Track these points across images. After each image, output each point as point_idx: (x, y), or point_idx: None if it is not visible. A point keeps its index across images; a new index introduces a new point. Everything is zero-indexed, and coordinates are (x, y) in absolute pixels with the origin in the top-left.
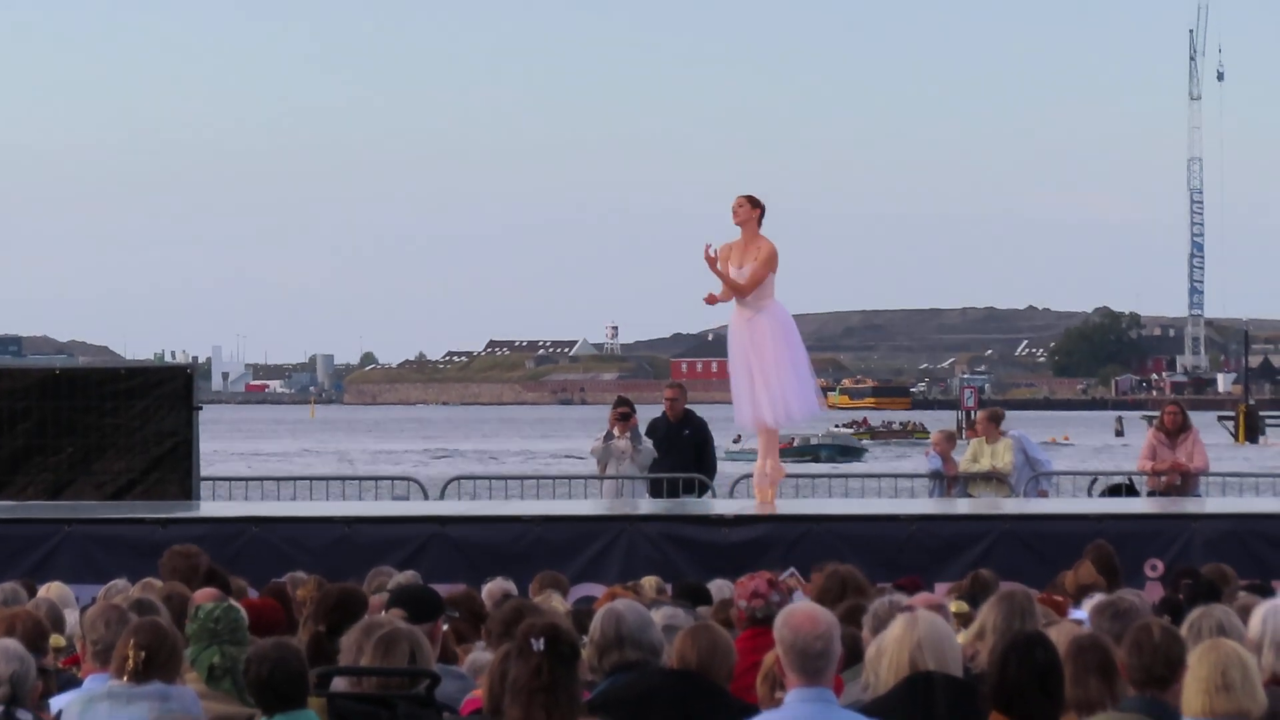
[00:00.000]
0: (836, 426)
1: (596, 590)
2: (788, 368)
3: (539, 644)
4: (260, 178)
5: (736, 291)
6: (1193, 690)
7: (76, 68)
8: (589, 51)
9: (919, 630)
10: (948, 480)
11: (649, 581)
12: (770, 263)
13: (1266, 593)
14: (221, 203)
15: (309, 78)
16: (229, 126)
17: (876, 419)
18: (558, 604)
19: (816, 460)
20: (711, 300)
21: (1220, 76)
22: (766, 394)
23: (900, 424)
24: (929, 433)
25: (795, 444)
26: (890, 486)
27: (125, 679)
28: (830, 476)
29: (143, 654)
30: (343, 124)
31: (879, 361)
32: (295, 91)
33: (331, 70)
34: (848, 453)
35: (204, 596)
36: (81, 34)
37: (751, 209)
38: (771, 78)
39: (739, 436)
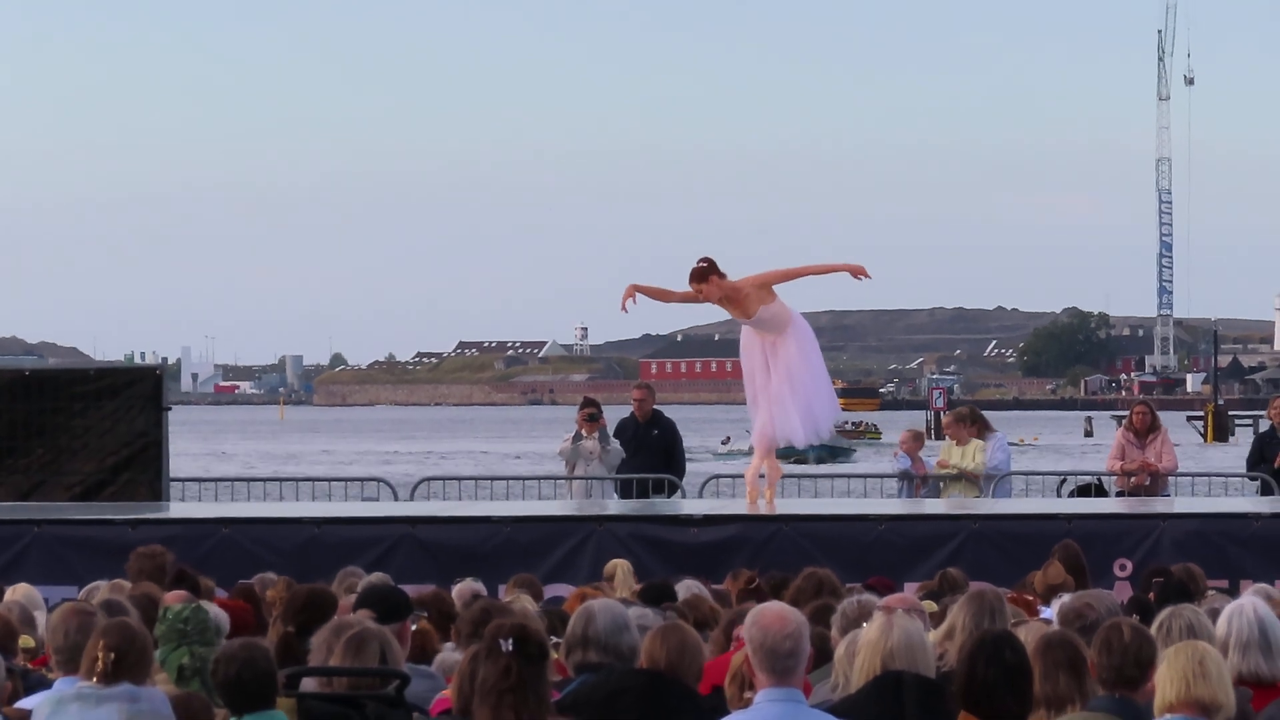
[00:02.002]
0: None
1: (566, 591)
2: (814, 385)
3: (508, 644)
4: (230, 178)
5: (807, 274)
6: (1164, 684)
7: (49, 71)
8: (559, 57)
9: (894, 636)
10: (917, 480)
11: (619, 565)
12: (765, 287)
13: (1235, 595)
14: (192, 204)
15: (284, 78)
16: (200, 128)
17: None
18: (528, 604)
19: (804, 462)
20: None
21: (1189, 81)
22: (799, 408)
23: (853, 424)
24: (880, 434)
25: (782, 445)
26: (860, 487)
27: (95, 680)
28: (799, 477)
29: (112, 655)
30: (312, 125)
31: (848, 362)
32: (266, 92)
33: (305, 71)
34: (837, 453)
35: (174, 598)
36: (65, 39)
37: (719, 279)
38: (742, 81)
39: (728, 437)
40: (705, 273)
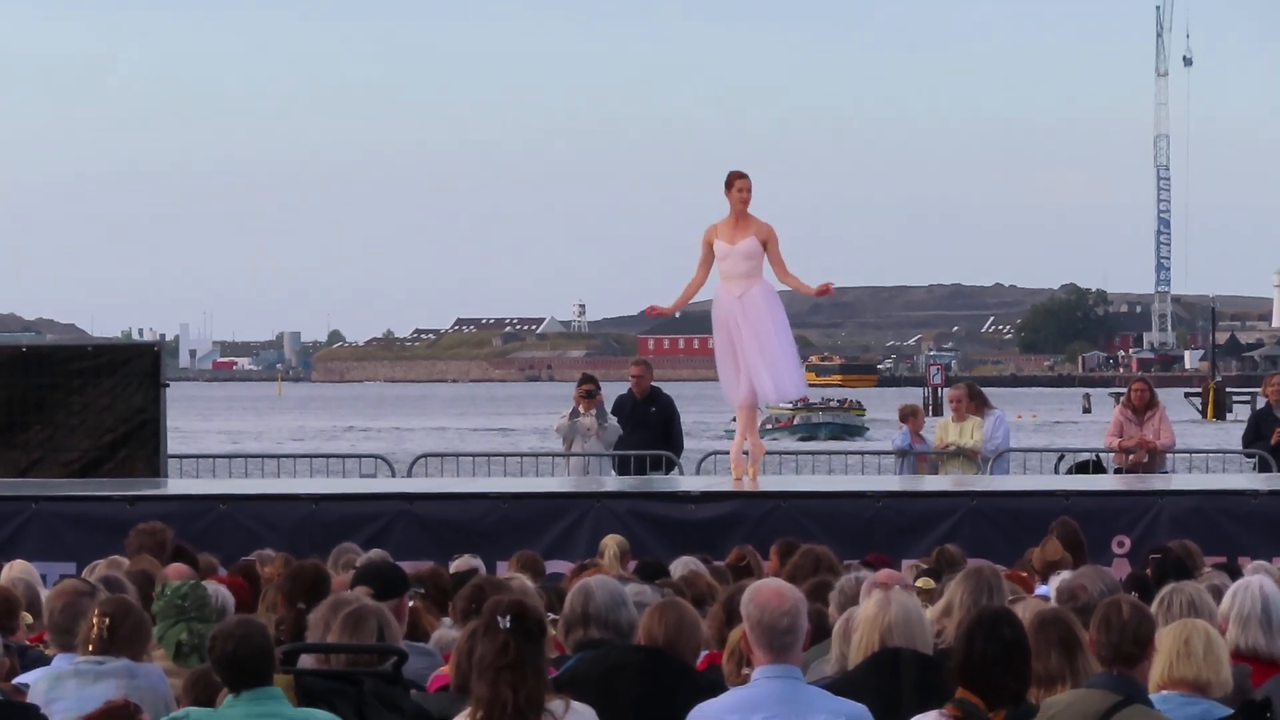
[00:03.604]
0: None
1: (564, 567)
2: (785, 342)
3: (505, 621)
4: (228, 157)
5: (789, 283)
6: (1158, 663)
7: (47, 47)
8: (559, 35)
9: (891, 612)
10: (916, 457)
11: (611, 540)
12: (770, 238)
13: (1234, 572)
14: (191, 181)
15: (283, 56)
16: (199, 105)
17: (815, 395)
18: (526, 582)
19: (816, 439)
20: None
21: (1188, 62)
22: (767, 369)
23: (837, 401)
24: (865, 410)
25: (796, 422)
26: (857, 463)
27: (90, 649)
28: (796, 454)
29: (107, 622)
30: (312, 102)
31: (846, 339)
32: (265, 69)
33: (304, 48)
34: (849, 430)
35: (175, 573)
36: (63, 15)
37: (749, 194)
38: (740, 59)
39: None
40: (745, 177)
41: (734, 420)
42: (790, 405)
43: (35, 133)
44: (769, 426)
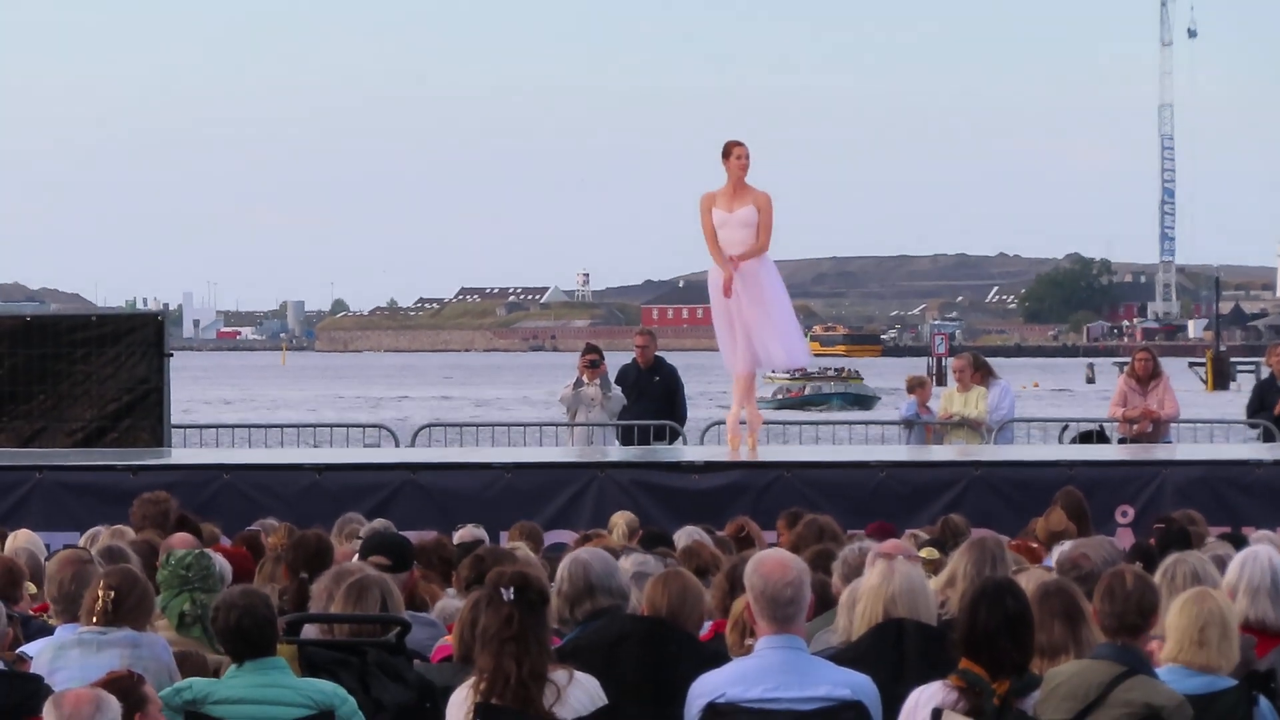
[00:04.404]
0: (773, 372)
1: (567, 538)
2: (787, 309)
3: (509, 593)
4: (231, 125)
5: (758, 253)
6: (1171, 638)
7: (46, 12)
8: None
9: (895, 582)
10: (922, 427)
11: (620, 517)
12: (765, 206)
13: (1239, 541)
14: (193, 150)
15: (285, 30)
16: (204, 76)
17: (812, 365)
18: (529, 553)
19: (828, 408)
20: (730, 279)
21: (1192, 34)
22: (776, 336)
23: (835, 370)
24: (863, 379)
25: (807, 392)
26: (861, 433)
27: (95, 620)
28: (801, 423)
29: (112, 594)
30: (315, 71)
31: (850, 308)
32: (270, 43)
33: (306, 21)
34: (860, 400)
35: (179, 542)
36: None
37: (747, 162)
38: (749, 29)
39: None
40: (743, 145)
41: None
42: (788, 375)
43: (41, 100)
44: (779, 396)
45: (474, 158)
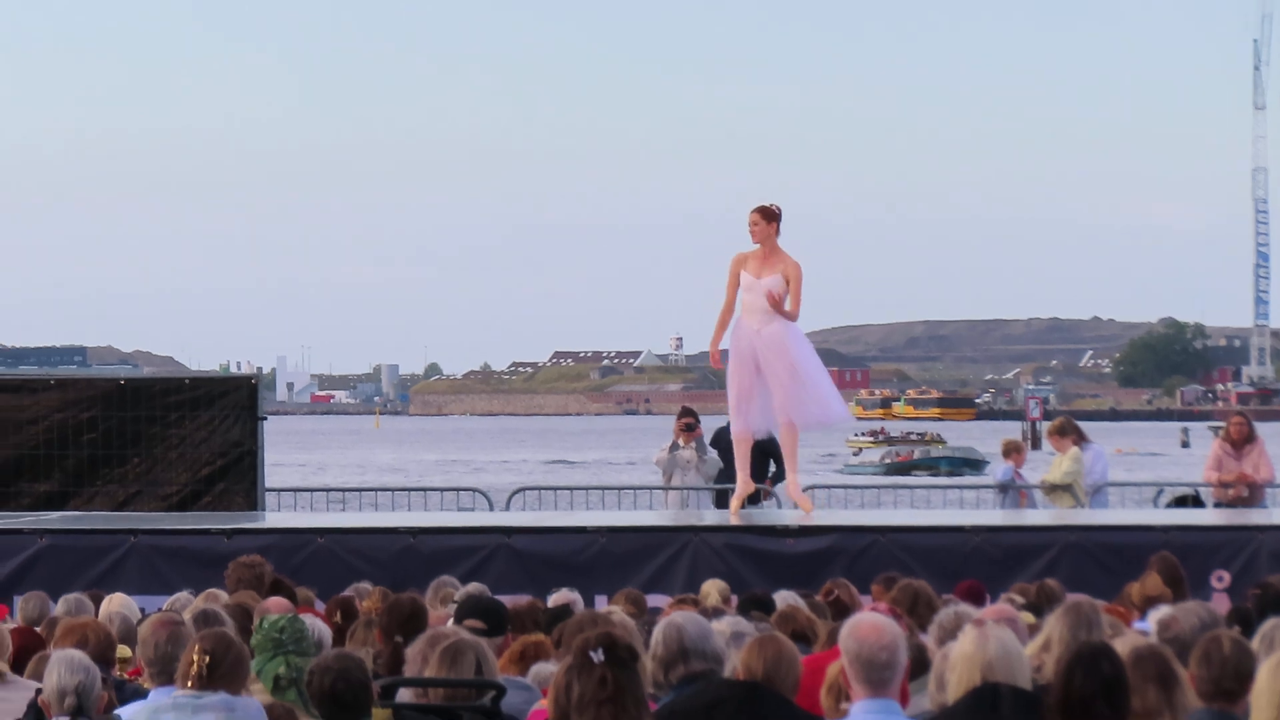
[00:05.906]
0: (857, 435)
1: (661, 602)
2: (817, 369)
3: (598, 655)
4: (326, 186)
5: (786, 317)
6: (1260, 703)
7: (136, 62)
8: (650, 57)
9: (990, 648)
10: (1018, 492)
11: (712, 585)
12: (795, 276)
13: None
14: (287, 212)
15: (374, 82)
16: (295, 132)
17: (896, 429)
18: (624, 617)
19: (936, 473)
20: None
21: None
22: (809, 395)
23: (918, 434)
24: (945, 443)
25: (915, 456)
26: (956, 497)
27: (190, 684)
28: (896, 488)
29: (207, 658)
30: (407, 131)
31: (943, 372)
32: (363, 98)
33: (394, 74)
34: (970, 465)
35: (274, 606)
36: (152, 32)
37: (768, 224)
38: (834, 86)
39: (860, 449)
40: (772, 213)
41: (855, 455)
42: (871, 439)
43: (132, 157)
44: (887, 461)
45: (567, 220)
